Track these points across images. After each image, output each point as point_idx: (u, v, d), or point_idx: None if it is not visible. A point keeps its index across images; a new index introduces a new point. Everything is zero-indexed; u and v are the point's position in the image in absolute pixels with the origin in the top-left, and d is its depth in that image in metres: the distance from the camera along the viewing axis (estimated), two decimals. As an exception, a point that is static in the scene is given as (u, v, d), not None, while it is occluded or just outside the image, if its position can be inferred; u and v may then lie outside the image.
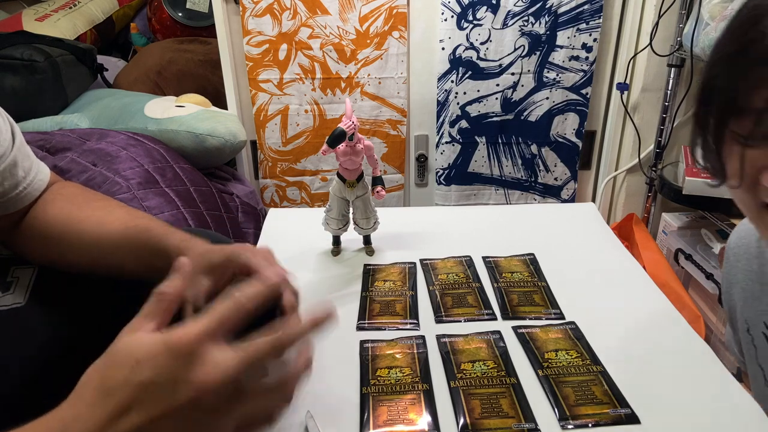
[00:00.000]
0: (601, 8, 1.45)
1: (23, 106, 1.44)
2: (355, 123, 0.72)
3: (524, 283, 0.77)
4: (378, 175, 0.79)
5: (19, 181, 0.64)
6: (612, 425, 0.53)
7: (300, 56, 1.51)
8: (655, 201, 1.53)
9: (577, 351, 0.63)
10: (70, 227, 0.64)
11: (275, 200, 1.69)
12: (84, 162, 1.18)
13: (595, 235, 0.90)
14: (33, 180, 0.66)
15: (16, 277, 0.66)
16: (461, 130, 1.58)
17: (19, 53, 1.43)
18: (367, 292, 0.75)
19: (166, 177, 1.21)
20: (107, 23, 1.99)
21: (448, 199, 1.66)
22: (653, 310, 0.72)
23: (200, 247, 0.58)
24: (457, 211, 1.13)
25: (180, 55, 1.72)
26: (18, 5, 1.96)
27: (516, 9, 1.46)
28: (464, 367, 0.61)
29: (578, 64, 1.51)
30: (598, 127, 1.64)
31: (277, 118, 1.58)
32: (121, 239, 0.63)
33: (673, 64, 1.40)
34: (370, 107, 1.57)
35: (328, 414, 0.55)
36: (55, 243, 0.65)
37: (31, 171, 0.66)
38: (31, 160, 0.66)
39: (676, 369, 0.61)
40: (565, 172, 1.64)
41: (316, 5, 1.46)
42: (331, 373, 0.61)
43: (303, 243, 0.87)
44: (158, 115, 1.37)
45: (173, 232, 0.61)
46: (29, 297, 0.64)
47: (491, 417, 0.54)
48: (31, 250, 0.67)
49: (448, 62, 1.51)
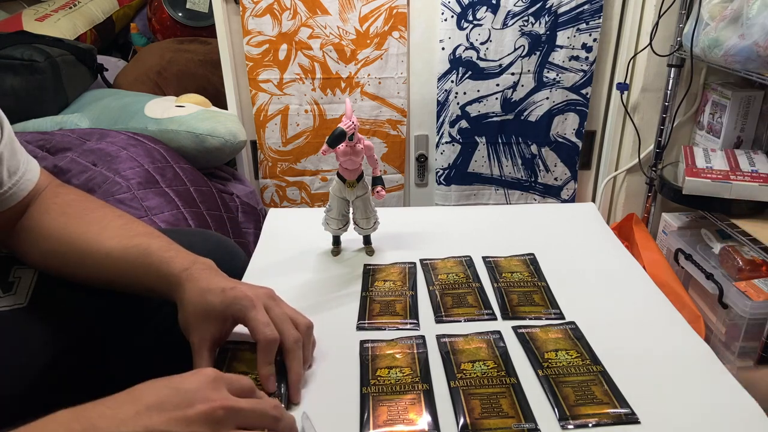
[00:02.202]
0: (601, 8, 1.45)
1: (23, 106, 1.44)
2: (355, 123, 0.72)
3: (524, 283, 0.77)
4: (378, 175, 0.79)
5: (3, 181, 0.61)
6: (612, 425, 0.53)
7: (300, 56, 1.51)
8: (655, 201, 1.53)
9: (577, 351, 0.63)
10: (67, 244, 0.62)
11: (275, 200, 1.69)
12: (84, 162, 1.18)
13: (595, 235, 0.90)
14: (20, 180, 0.63)
15: (17, 277, 0.65)
16: (461, 130, 1.58)
17: (19, 53, 1.43)
18: (367, 292, 0.75)
19: (166, 177, 1.21)
20: (107, 23, 1.99)
21: (448, 199, 1.66)
22: (653, 310, 0.72)
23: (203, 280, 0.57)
24: (457, 211, 1.13)
25: (180, 55, 1.72)
26: (18, 5, 1.96)
27: (516, 9, 1.46)
28: (464, 367, 0.61)
29: (578, 64, 1.51)
30: (598, 127, 1.64)
31: (277, 118, 1.58)
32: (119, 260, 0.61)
33: (673, 64, 1.40)
34: (370, 107, 1.57)
35: (327, 414, 0.55)
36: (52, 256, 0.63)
37: (18, 170, 0.63)
38: (19, 159, 0.64)
39: (676, 369, 0.61)
40: (565, 172, 1.64)
41: (316, 5, 1.46)
42: (331, 373, 0.61)
43: (303, 243, 0.87)
44: (158, 115, 1.37)
45: (173, 258, 0.59)
46: (31, 298, 0.64)
47: (491, 417, 0.54)
48: (29, 259, 0.66)
49: (448, 62, 1.51)
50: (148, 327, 0.70)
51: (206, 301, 0.56)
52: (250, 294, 0.56)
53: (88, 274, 0.63)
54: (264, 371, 0.55)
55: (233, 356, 0.60)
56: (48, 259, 0.64)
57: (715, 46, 1.17)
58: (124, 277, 0.61)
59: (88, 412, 0.41)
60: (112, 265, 0.61)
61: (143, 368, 0.69)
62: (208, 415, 0.43)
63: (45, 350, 0.62)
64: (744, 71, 1.13)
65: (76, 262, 0.62)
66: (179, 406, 0.43)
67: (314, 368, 0.61)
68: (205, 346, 0.56)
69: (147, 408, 0.42)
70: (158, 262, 0.59)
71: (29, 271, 0.66)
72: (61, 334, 0.64)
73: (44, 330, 0.63)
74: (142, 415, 0.41)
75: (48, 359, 0.62)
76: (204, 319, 0.56)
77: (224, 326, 0.58)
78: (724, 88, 1.35)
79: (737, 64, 1.13)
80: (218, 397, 0.45)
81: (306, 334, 0.59)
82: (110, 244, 0.62)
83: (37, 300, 0.64)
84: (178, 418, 0.42)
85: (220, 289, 0.56)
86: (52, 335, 0.63)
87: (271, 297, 0.59)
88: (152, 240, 0.62)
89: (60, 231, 0.63)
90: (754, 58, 1.08)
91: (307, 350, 0.59)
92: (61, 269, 0.64)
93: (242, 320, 0.56)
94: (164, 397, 0.43)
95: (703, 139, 1.44)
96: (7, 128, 0.62)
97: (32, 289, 0.64)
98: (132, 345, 0.69)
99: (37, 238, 0.64)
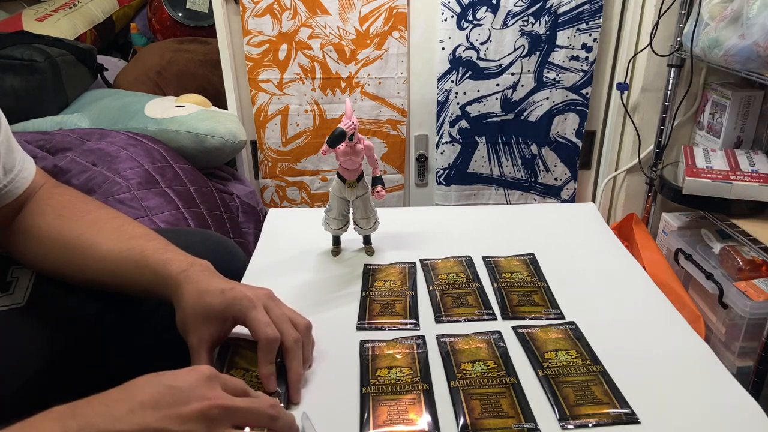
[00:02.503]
0: (601, 8, 1.45)
1: (23, 106, 1.44)
2: (355, 123, 0.72)
3: (524, 283, 0.77)
4: (378, 175, 0.79)
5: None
6: (612, 425, 0.53)
7: (300, 56, 1.51)
8: (655, 201, 1.53)
9: (577, 351, 0.63)
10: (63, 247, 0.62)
11: (275, 200, 1.69)
12: (84, 162, 1.18)
13: (595, 235, 0.90)
14: (15, 177, 0.63)
15: (15, 277, 0.65)
16: (461, 130, 1.58)
17: (19, 53, 1.43)
18: (367, 292, 0.75)
19: (166, 177, 1.21)
20: (107, 23, 1.99)
21: (448, 199, 1.66)
22: (653, 310, 0.72)
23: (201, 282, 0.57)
24: (457, 211, 1.13)
25: (180, 55, 1.72)
26: (18, 5, 1.96)
27: (516, 9, 1.46)
28: (464, 367, 0.61)
29: (578, 64, 1.51)
30: (598, 127, 1.64)
31: (277, 118, 1.58)
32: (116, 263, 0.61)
33: (673, 64, 1.40)
34: (370, 107, 1.57)
35: (327, 414, 0.55)
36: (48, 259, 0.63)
37: (15, 168, 0.63)
38: (15, 156, 0.64)
39: (676, 369, 0.61)
40: (565, 172, 1.64)
41: (316, 5, 1.46)
42: (331, 373, 0.61)
43: (303, 243, 0.87)
44: (158, 115, 1.37)
45: (170, 260, 0.59)
46: (28, 298, 0.64)
47: (491, 417, 0.54)
48: (25, 260, 0.65)
49: (448, 62, 1.51)
50: (146, 327, 0.70)
51: (205, 302, 0.56)
52: (250, 294, 0.57)
53: (85, 277, 0.63)
54: (265, 370, 0.55)
55: (235, 351, 0.60)
56: (44, 261, 0.64)
57: (715, 46, 1.17)
58: (120, 280, 0.61)
59: (83, 408, 0.41)
60: (108, 267, 0.61)
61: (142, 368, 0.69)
62: (204, 413, 0.43)
63: (42, 350, 0.62)
64: (744, 71, 1.13)
65: (72, 264, 0.62)
66: (174, 404, 0.43)
67: (314, 368, 0.61)
68: (204, 347, 0.56)
69: (141, 405, 0.42)
70: (155, 265, 0.59)
71: (27, 271, 0.66)
72: (59, 334, 0.64)
73: (42, 330, 0.63)
74: (136, 412, 0.41)
75: (45, 359, 0.62)
76: (203, 321, 0.56)
77: (223, 327, 0.58)
78: (724, 88, 1.35)
79: (737, 64, 1.13)
80: (214, 395, 0.44)
81: (305, 334, 0.59)
82: (106, 247, 0.61)
83: (35, 300, 0.64)
84: (172, 415, 0.42)
85: (219, 290, 0.56)
86: (49, 335, 0.63)
87: (271, 297, 0.59)
88: (148, 242, 0.62)
89: (55, 233, 0.63)
90: (754, 58, 1.08)
91: (307, 350, 0.60)
92: (57, 271, 0.64)
93: (242, 320, 0.56)
94: (159, 395, 0.43)
95: (703, 139, 1.44)
96: (4, 125, 0.62)
97: (30, 289, 0.64)
98: (131, 345, 0.69)
99: (32, 240, 0.63)
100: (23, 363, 0.61)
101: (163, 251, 0.60)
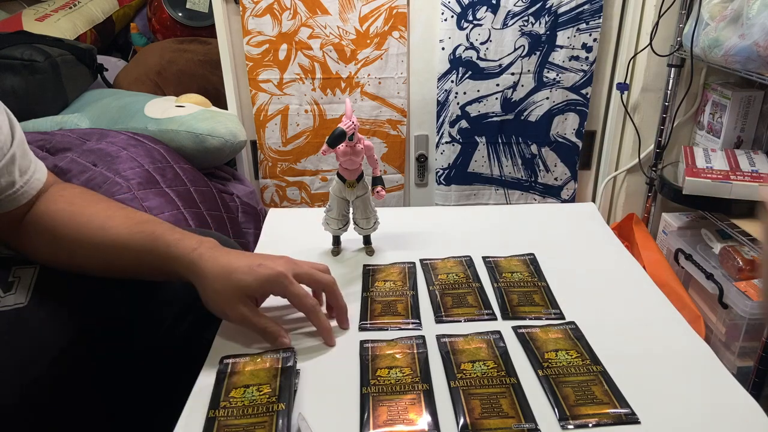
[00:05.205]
0: (601, 8, 1.45)
1: (23, 106, 1.44)
2: (355, 123, 0.72)
3: (524, 283, 0.77)
4: (378, 175, 0.79)
5: (15, 180, 0.63)
6: (612, 425, 0.53)
7: (300, 56, 1.51)
8: (655, 201, 1.53)
9: (577, 351, 0.63)
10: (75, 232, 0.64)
11: (275, 200, 1.69)
12: (84, 162, 1.18)
13: (595, 235, 0.90)
14: (30, 179, 0.65)
15: (17, 277, 0.65)
16: (461, 130, 1.58)
17: (19, 53, 1.43)
18: (368, 293, 0.75)
19: (166, 177, 1.21)
20: (107, 23, 1.99)
21: (448, 199, 1.66)
22: (653, 310, 0.72)
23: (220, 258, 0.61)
24: (457, 211, 1.13)
25: (180, 55, 1.72)
26: (18, 5, 1.96)
27: (516, 9, 1.46)
28: (464, 367, 0.61)
29: (578, 64, 1.51)
30: (598, 127, 1.64)
31: (277, 118, 1.58)
32: (127, 244, 0.63)
33: (673, 64, 1.40)
34: (370, 107, 1.57)
35: (327, 414, 0.55)
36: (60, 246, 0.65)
37: (29, 170, 0.65)
38: (30, 158, 0.66)
39: (676, 369, 0.61)
40: (565, 172, 1.64)
41: (316, 5, 1.46)
42: (331, 373, 0.61)
43: (303, 243, 0.87)
44: (158, 115, 1.37)
45: (180, 240, 0.62)
46: (31, 297, 0.64)
47: (491, 417, 0.54)
48: (37, 252, 0.67)
49: (448, 62, 1.51)
50: (147, 326, 0.70)
51: (238, 279, 0.60)
52: (281, 269, 0.62)
53: (97, 262, 0.65)
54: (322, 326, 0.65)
55: (233, 371, 0.60)
56: (56, 249, 0.65)
57: (715, 46, 1.17)
58: (132, 261, 0.64)
59: None
60: (119, 250, 0.63)
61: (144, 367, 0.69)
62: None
63: (45, 349, 0.62)
64: (744, 71, 1.13)
65: (83, 250, 0.64)
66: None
67: (314, 368, 0.61)
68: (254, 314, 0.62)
69: None
70: (165, 245, 0.62)
71: (29, 271, 0.66)
72: (62, 334, 0.64)
73: (44, 329, 0.63)
74: None
75: (48, 358, 0.62)
76: (239, 299, 0.61)
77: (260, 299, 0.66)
78: (724, 88, 1.35)
79: (737, 64, 1.13)
80: None
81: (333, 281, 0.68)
82: (117, 231, 0.64)
83: (38, 299, 0.64)
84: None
85: (246, 266, 0.60)
86: (52, 334, 0.63)
87: (293, 263, 0.65)
88: (157, 225, 0.65)
89: (67, 220, 0.65)
90: (754, 58, 1.08)
91: None
92: (69, 259, 0.66)
93: (282, 295, 0.63)
94: None
95: (703, 139, 1.44)
96: (19, 129, 0.65)
97: (32, 289, 0.64)
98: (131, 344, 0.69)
99: (44, 228, 0.65)
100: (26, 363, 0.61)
101: (171, 232, 0.64)
